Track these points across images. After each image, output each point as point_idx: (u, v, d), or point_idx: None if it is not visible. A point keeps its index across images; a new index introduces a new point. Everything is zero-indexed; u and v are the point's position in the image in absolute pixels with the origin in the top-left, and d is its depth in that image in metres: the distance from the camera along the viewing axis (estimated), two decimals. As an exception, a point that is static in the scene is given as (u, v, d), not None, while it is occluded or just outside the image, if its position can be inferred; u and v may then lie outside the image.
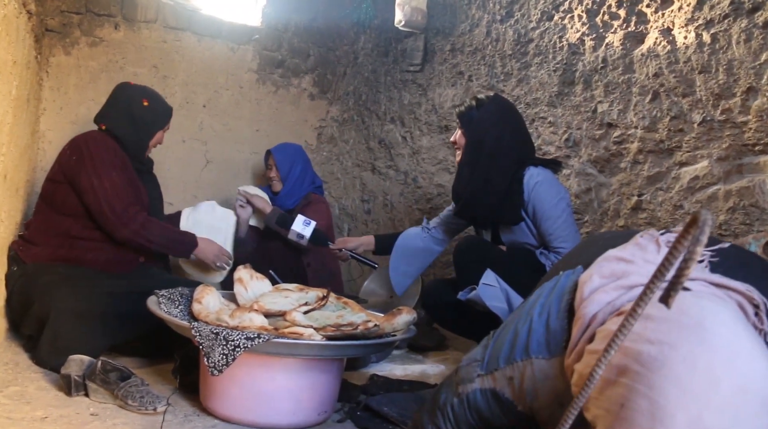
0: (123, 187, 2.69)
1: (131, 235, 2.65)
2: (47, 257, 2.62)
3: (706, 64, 2.36)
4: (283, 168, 3.60)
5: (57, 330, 2.33)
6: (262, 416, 1.96)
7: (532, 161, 2.59)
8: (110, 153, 2.73)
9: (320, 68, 4.36)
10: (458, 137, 2.68)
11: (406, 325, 2.18)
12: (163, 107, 2.96)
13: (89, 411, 1.96)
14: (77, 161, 2.69)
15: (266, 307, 2.15)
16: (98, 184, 2.64)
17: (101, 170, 2.66)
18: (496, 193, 2.52)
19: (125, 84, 2.95)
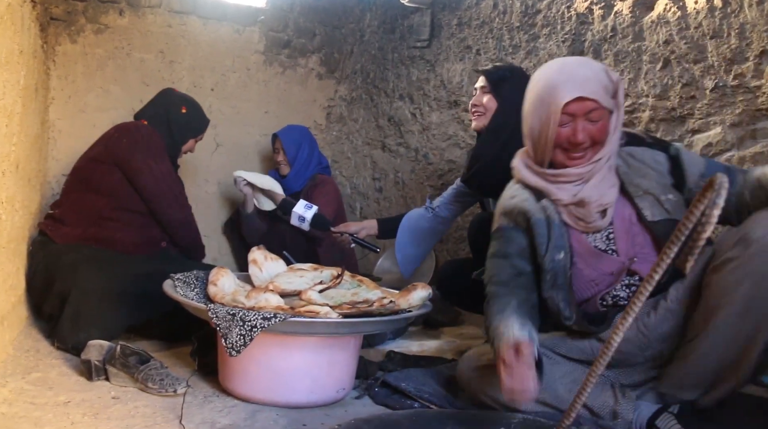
0: (177, 176, 2.91)
1: (185, 217, 2.86)
2: (78, 237, 2.73)
3: (718, 28, 2.32)
4: (290, 151, 3.60)
5: (77, 308, 2.38)
6: (280, 395, 1.98)
7: None
8: (162, 143, 2.92)
9: (327, 47, 4.33)
10: (486, 101, 2.64)
11: (421, 301, 2.18)
12: (200, 117, 3.16)
13: (110, 394, 1.99)
14: (129, 143, 2.83)
15: (282, 287, 2.16)
16: (156, 166, 2.81)
17: (157, 155, 2.84)
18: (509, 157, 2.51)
19: (169, 89, 3.17)
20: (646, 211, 1.77)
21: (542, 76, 1.80)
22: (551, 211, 1.82)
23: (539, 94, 1.77)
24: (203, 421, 1.82)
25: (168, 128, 3.01)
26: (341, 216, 3.69)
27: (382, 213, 4.20)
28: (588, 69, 1.75)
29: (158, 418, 1.81)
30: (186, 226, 2.88)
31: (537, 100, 1.78)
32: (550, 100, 1.73)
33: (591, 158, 1.77)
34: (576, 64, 1.78)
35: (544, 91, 1.75)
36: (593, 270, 1.80)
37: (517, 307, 1.77)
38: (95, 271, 2.48)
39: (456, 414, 1.79)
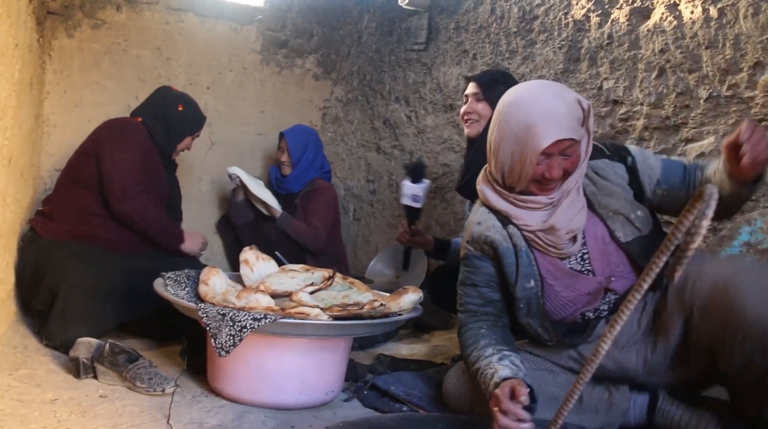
0: (138, 169, 2.82)
1: (129, 210, 2.74)
2: (65, 233, 2.71)
3: (713, 39, 2.33)
4: (296, 153, 3.60)
5: (67, 304, 2.37)
6: (269, 396, 1.98)
7: None
8: (140, 137, 2.89)
9: (324, 48, 4.33)
10: (481, 108, 2.63)
11: (412, 305, 2.19)
12: (196, 115, 3.15)
13: (98, 393, 1.98)
14: (107, 135, 2.85)
15: (273, 288, 2.15)
16: (118, 157, 2.77)
17: (125, 147, 2.81)
18: None
19: (166, 87, 3.16)
20: (618, 232, 1.76)
21: (517, 109, 1.72)
22: (518, 239, 1.80)
23: (515, 131, 1.71)
24: (191, 421, 1.81)
25: (164, 126, 3.00)
26: (334, 223, 3.68)
27: (376, 215, 4.20)
28: (562, 103, 1.69)
29: (146, 418, 1.81)
30: (134, 219, 2.77)
31: (512, 136, 1.72)
32: (529, 141, 1.68)
33: (561, 187, 1.76)
34: (551, 97, 1.70)
35: (521, 129, 1.69)
36: (570, 291, 1.79)
37: (490, 335, 1.78)
38: (84, 267, 2.47)
39: (445, 418, 1.79)
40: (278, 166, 3.70)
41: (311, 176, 3.63)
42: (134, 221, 2.77)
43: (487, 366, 1.67)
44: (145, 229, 2.82)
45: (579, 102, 1.72)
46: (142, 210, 2.77)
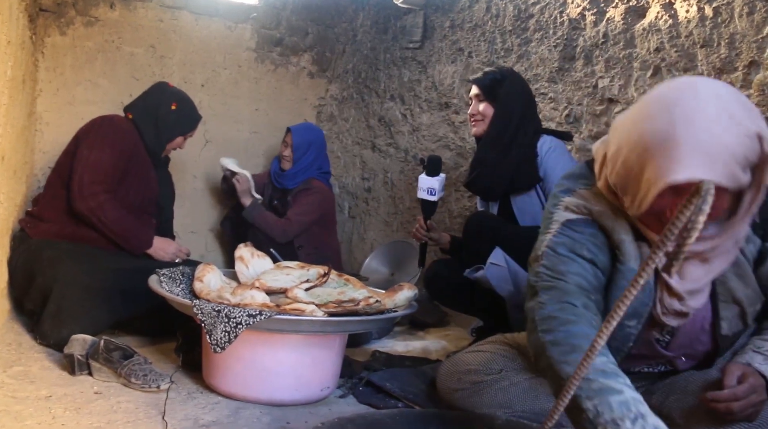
0: (106, 167, 2.69)
1: (85, 210, 2.64)
2: (54, 234, 2.67)
3: (708, 38, 2.34)
4: (298, 151, 3.61)
5: (60, 304, 2.35)
6: (264, 392, 1.98)
7: (545, 130, 2.65)
8: (118, 136, 2.79)
9: (319, 46, 4.33)
10: (483, 109, 2.64)
11: (407, 301, 2.19)
12: (190, 115, 3.06)
13: (93, 389, 1.97)
14: (85, 132, 2.79)
15: (268, 285, 2.15)
16: (87, 154, 2.69)
17: (97, 144, 2.72)
18: (514, 161, 2.54)
19: (163, 84, 3.07)
20: (724, 323, 1.48)
21: (661, 112, 1.25)
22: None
23: (646, 139, 1.25)
24: (186, 418, 1.81)
25: (154, 124, 2.93)
26: (327, 223, 3.68)
27: (371, 213, 4.20)
28: (729, 132, 1.20)
29: (141, 414, 1.80)
30: (91, 219, 2.64)
31: (639, 144, 1.26)
32: (658, 162, 1.21)
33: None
34: (719, 116, 1.20)
35: (655, 142, 1.23)
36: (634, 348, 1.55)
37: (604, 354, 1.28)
38: (77, 267, 2.44)
39: (440, 414, 1.79)
40: (278, 159, 3.71)
41: (308, 176, 3.64)
42: (91, 222, 2.66)
43: (611, 392, 1.18)
44: (103, 231, 2.68)
45: (761, 139, 1.23)
46: (98, 210, 2.64)
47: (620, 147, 1.31)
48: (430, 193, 2.71)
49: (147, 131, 2.91)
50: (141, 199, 2.87)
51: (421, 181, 2.73)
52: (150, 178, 2.94)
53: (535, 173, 2.52)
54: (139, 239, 2.79)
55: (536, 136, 2.59)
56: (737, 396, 1.36)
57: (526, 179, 2.54)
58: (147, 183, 2.92)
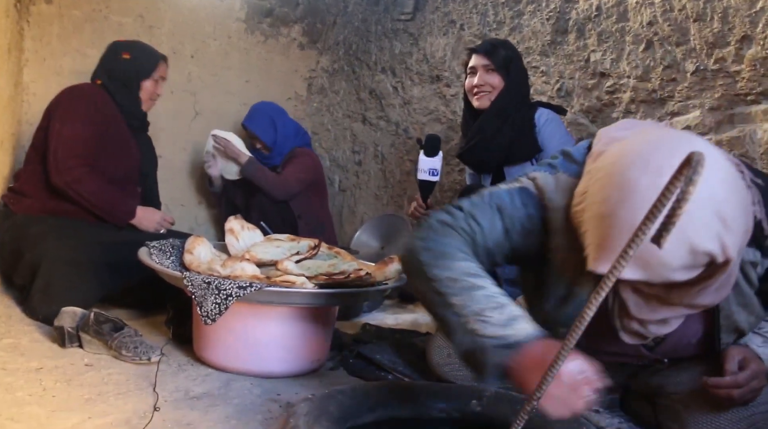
0: (80, 140, 2.64)
1: (62, 184, 2.59)
2: (38, 209, 2.62)
3: (701, 12, 2.33)
4: (266, 135, 3.57)
5: (48, 279, 2.34)
6: (255, 365, 1.98)
7: (541, 103, 2.67)
8: (89, 106, 2.71)
9: (309, 17, 4.28)
10: (493, 80, 2.61)
11: (397, 274, 2.19)
12: (146, 57, 2.91)
13: (83, 361, 1.98)
14: (55, 104, 2.71)
15: (258, 257, 2.15)
16: (59, 128, 2.63)
17: (69, 118, 2.65)
18: (510, 132, 2.55)
19: (114, 42, 2.95)
20: (722, 344, 1.42)
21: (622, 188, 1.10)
22: None
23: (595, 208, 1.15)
24: (177, 389, 1.82)
25: (118, 81, 2.84)
26: (320, 190, 3.67)
27: (361, 186, 4.20)
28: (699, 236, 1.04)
29: (131, 386, 1.81)
30: (69, 193, 2.59)
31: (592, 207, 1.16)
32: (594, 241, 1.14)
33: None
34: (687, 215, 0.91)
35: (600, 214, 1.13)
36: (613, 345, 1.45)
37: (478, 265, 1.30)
38: (64, 241, 2.42)
39: (429, 386, 1.80)
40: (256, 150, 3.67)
41: (290, 147, 3.62)
42: (70, 196, 2.61)
43: (499, 306, 1.19)
44: (84, 205, 2.63)
45: (712, 257, 1.08)
46: (75, 184, 2.59)
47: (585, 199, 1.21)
48: (432, 173, 2.64)
49: (117, 91, 2.82)
50: (123, 168, 2.81)
51: (422, 163, 2.65)
52: (130, 145, 2.86)
53: (535, 144, 2.53)
54: (121, 211, 2.73)
55: (532, 109, 2.59)
56: (738, 383, 1.34)
57: (524, 150, 2.54)
58: (127, 151, 2.84)
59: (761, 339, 1.43)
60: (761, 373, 1.38)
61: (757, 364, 1.38)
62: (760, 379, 1.38)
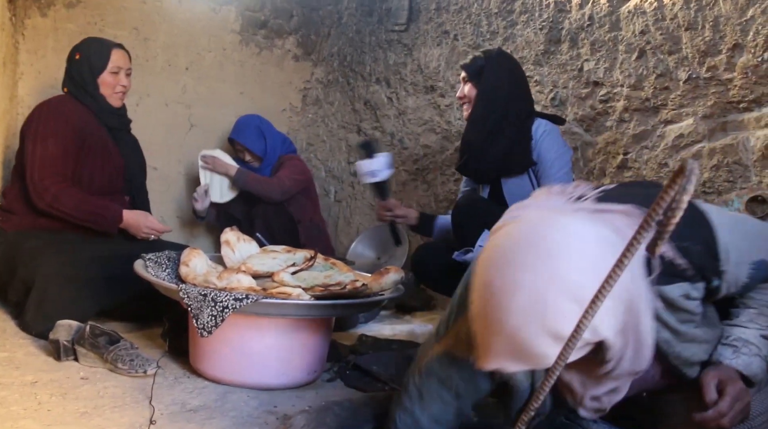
0: (53, 158, 2.60)
1: (44, 207, 2.56)
2: (28, 226, 2.60)
3: (693, 20, 2.34)
4: (255, 146, 3.59)
5: (43, 295, 2.32)
6: (251, 377, 1.98)
7: (540, 114, 2.62)
8: (59, 120, 2.66)
9: (304, 29, 4.29)
10: (467, 91, 2.62)
11: (393, 285, 2.19)
12: (96, 51, 2.81)
13: (79, 375, 1.97)
14: (28, 125, 2.67)
15: (254, 269, 2.15)
16: (32, 149, 2.60)
17: (40, 136, 2.61)
18: (505, 143, 2.51)
19: (73, 47, 2.88)
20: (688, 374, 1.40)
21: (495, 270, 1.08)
22: None
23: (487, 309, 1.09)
24: (173, 402, 1.81)
25: (77, 83, 2.77)
26: (313, 196, 3.69)
27: (357, 197, 4.20)
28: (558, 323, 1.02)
29: (128, 399, 1.80)
30: (53, 213, 2.57)
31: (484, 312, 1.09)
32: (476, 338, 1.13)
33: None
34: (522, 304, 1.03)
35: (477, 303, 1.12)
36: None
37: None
38: (58, 257, 2.40)
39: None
40: (244, 162, 3.68)
41: (278, 156, 3.63)
42: (55, 216, 2.58)
43: None
44: (70, 220, 2.60)
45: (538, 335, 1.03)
46: (55, 203, 2.56)
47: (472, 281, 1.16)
48: (373, 175, 2.68)
49: (81, 95, 2.77)
50: (105, 178, 2.75)
51: (360, 167, 2.70)
52: (109, 152, 2.78)
53: (528, 156, 2.51)
54: (106, 218, 2.65)
55: (530, 119, 2.55)
56: (722, 413, 1.31)
57: (518, 162, 2.53)
58: (107, 159, 2.77)
59: (731, 350, 1.39)
60: (741, 392, 1.34)
61: (733, 385, 1.34)
62: (743, 398, 1.34)
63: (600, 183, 1.58)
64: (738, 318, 1.43)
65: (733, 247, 1.30)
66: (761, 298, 1.42)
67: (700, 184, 2.40)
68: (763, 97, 2.22)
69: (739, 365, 1.37)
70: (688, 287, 1.29)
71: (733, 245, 1.30)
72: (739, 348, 1.39)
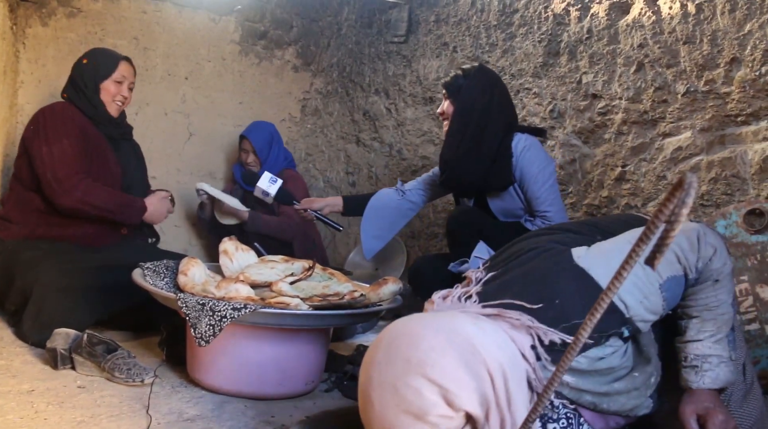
0: (72, 155, 2.60)
1: (73, 203, 2.56)
2: (26, 235, 2.59)
3: (691, 34, 2.36)
4: (263, 153, 3.61)
5: (40, 305, 2.32)
6: (249, 386, 1.97)
7: (519, 128, 2.60)
8: (66, 122, 2.67)
9: (303, 40, 4.31)
10: (446, 107, 2.65)
11: (392, 295, 2.19)
12: (103, 59, 2.84)
13: (76, 383, 1.96)
14: (34, 131, 2.66)
15: (252, 278, 2.15)
16: (47, 151, 2.59)
17: (52, 137, 2.61)
18: (485, 159, 2.50)
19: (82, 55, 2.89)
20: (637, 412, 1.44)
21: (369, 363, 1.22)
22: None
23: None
24: (170, 411, 1.80)
25: (79, 88, 2.77)
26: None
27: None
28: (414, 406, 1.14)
29: (125, 408, 1.80)
30: (83, 209, 2.57)
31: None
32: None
33: None
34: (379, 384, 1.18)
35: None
36: None
37: None
38: (56, 267, 2.39)
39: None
40: (241, 165, 3.68)
41: (279, 168, 3.63)
42: (83, 211, 2.58)
43: None
44: (98, 216, 2.62)
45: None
46: (86, 198, 2.57)
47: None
48: (266, 194, 2.98)
49: (80, 100, 2.77)
50: (102, 183, 2.71)
51: (256, 194, 3.03)
52: (107, 159, 2.79)
53: (508, 175, 2.50)
54: (134, 207, 2.74)
55: (509, 135, 2.54)
56: None
57: (498, 182, 2.52)
58: (105, 166, 2.77)
59: (693, 372, 1.40)
60: (723, 421, 1.34)
61: (713, 416, 1.34)
62: (727, 421, 1.34)
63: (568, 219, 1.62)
64: (687, 332, 1.43)
65: (625, 294, 1.32)
66: (696, 303, 1.42)
67: (698, 196, 2.40)
68: (760, 110, 2.23)
69: (707, 384, 1.38)
70: (596, 351, 1.33)
71: (624, 292, 1.31)
72: (700, 366, 1.39)
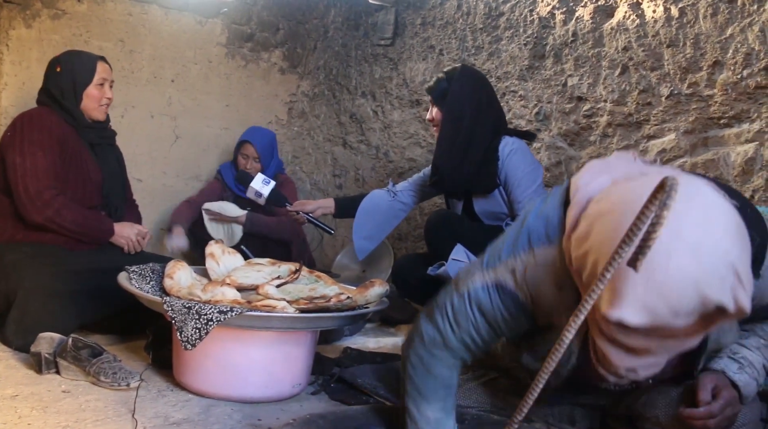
0: (44, 169, 2.53)
1: (42, 220, 2.50)
2: (7, 239, 2.56)
3: (674, 38, 2.38)
4: (266, 159, 3.62)
5: (24, 309, 2.29)
6: (235, 390, 1.97)
7: (507, 131, 2.62)
8: (43, 131, 2.59)
9: (290, 42, 4.31)
10: (435, 114, 2.65)
11: (378, 298, 2.20)
12: (79, 64, 2.74)
13: (61, 388, 1.95)
14: (10, 137, 2.60)
15: (239, 281, 2.15)
16: (20, 161, 2.52)
17: (27, 148, 2.54)
18: (473, 162, 2.51)
19: (52, 58, 2.80)
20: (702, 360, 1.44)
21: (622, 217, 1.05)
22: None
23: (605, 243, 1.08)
24: (156, 416, 1.80)
25: (57, 97, 2.68)
26: None
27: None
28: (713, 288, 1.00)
29: (110, 412, 1.78)
30: (51, 226, 2.52)
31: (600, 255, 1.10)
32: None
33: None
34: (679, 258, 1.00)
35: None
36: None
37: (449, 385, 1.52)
38: (40, 270, 2.36)
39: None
40: (234, 166, 3.66)
41: (274, 173, 3.63)
42: (52, 229, 2.53)
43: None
44: (65, 234, 2.56)
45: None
46: (56, 217, 2.51)
47: (588, 243, 1.14)
48: (260, 195, 2.95)
49: (62, 108, 2.68)
50: (81, 191, 2.68)
51: (249, 196, 3.01)
52: (87, 164, 2.72)
53: (493, 179, 2.52)
54: (101, 229, 2.66)
55: (497, 138, 2.55)
56: (713, 413, 1.36)
57: (484, 184, 2.54)
58: (85, 171, 2.70)
59: (737, 365, 1.43)
60: (734, 400, 1.39)
61: (728, 391, 1.39)
62: (734, 405, 1.39)
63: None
64: (747, 340, 1.48)
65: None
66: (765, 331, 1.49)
67: (681, 198, 2.42)
68: (742, 113, 2.26)
69: (739, 381, 1.41)
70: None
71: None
72: (744, 366, 1.44)
